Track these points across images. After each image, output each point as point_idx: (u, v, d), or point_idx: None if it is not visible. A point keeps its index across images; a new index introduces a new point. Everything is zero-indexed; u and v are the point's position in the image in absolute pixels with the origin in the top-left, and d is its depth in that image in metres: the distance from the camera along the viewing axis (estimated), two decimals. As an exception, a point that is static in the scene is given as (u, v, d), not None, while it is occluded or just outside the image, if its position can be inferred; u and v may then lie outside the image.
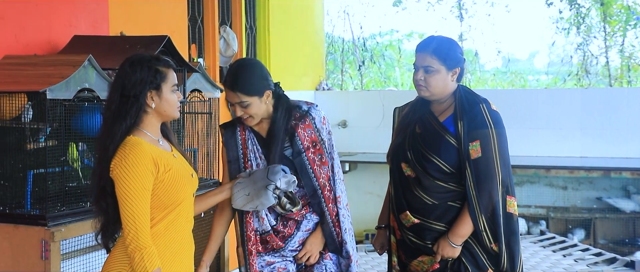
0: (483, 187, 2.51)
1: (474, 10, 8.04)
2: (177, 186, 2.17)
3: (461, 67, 2.63)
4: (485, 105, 2.59)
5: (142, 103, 2.14)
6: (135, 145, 2.10)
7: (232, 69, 2.50)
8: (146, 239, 2.06)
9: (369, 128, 6.98)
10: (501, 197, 2.54)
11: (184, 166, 2.26)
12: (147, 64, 2.16)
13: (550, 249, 5.31)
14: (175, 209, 2.18)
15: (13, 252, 2.75)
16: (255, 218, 2.54)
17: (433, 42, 2.62)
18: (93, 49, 3.21)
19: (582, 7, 7.51)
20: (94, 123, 2.99)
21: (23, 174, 2.82)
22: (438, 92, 2.61)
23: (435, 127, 2.61)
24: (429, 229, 2.61)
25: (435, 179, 2.58)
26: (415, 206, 2.63)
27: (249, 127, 2.57)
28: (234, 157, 2.57)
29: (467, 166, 2.52)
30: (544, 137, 6.48)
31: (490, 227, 2.53)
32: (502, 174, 2.54)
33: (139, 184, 2.06)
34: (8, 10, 3.32)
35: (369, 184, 6.85)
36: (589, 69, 7.44)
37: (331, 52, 8.40)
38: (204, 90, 3.84)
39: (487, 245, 2.55)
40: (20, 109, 2.86)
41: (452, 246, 2.55)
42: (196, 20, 5.30)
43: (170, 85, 2.19)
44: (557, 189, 6.36)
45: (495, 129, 2.55)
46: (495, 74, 8.67)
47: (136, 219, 2.05)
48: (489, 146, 2.53)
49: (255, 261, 2.55)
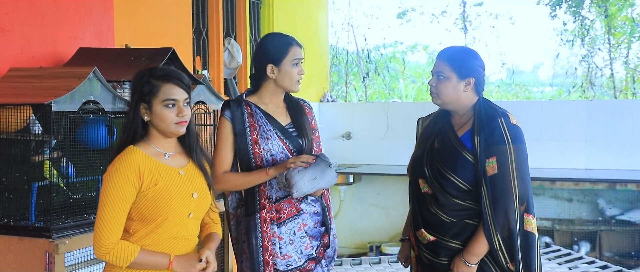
0: (499, 205, 2.44)
1: (478, 22, 8.06)
2: (162, 201, 2.11)
3: (476, 77, 2.56)
4: (505, 119, 2.51)
5: (135, 116, 2.13)
6: (125, 154, 2.10)
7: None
8: (111, 241, 2.05)
9: (373, 140, 6.97)
10: (518, 216, 2.46)
11: (186, 184, 2.18)
12: (141, 76, 2.14)
13: (556, 261, 5.27)
14: (160, 225, 2.13)
15: (17, 264, 2.75)
16: (269, 186, 2.60)
17: (450, 50, 2.62)
18: (98, 61, 3.23)
19: (587, 18, 7.51)
20: (98, 135, 2.99)
21: (28, 186, 2.83)
22: (449, 101, 2.57)
23: (453, 142, 2.56)
24: (445, 247, 2.55)
25: (452, 197, 2.52)
26: (432, 223, 2.58)
27: (254, 104, 2.65)
28: (240, 130, 2.61)
29: (483, 182, 2.45)
30: (549, 149, 6.45)
31: (507, 246, 2.46)
32: (519, 191, 2.45)
33: (115, 192, 2.05)
34: (13, 22, 3.34)
35: (372, 196, 6.83)
36: (593, 81, 7.43)
37: (335, 63, 8.41)
38: (209, 102, 3.84)
39: (503, 264, 2.48)
40: (25, 122, 2.87)
41: (467, 265, 2.48)
42: (201, 32, 5.32)
43: (161, 99, 2.11)
44: (562, 201, 6.33)
45: (513, 144, 2.46)
46: (499, 86, 8.67)
47: (104, 226, 2.04)
48: (506, 162, 2.45)
49: (269, 228, 2.57)
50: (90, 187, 3.05)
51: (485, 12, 8.18)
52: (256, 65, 2.68)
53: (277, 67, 2.61)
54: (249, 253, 2.60)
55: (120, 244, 2.06)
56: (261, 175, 2.56)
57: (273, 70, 2.61)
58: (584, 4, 7.47)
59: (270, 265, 2.57)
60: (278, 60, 2.61)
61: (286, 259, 2.59)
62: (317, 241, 2.68)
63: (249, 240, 2.60)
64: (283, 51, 2.61)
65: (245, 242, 2.65)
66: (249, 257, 2.60)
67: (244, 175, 2.60)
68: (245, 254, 2.66)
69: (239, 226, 2.72)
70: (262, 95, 2.69)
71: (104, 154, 3.00)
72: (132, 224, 2.12)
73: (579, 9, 7.47)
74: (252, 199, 2.62)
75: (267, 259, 2.57)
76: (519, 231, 2.46)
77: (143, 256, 2.09)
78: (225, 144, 2.63)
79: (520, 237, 2.46)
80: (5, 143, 2.89)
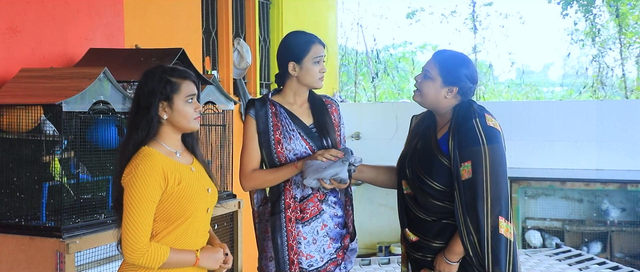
0: (470, 209, 2.41)
1: (488, 22, 8.04)
2: (187, 199, 2.15)
3: (461, 87, 2.52)
4: (480, 120, 2.46)
5: (153, 115, 2.15)
6: (146, 156, 2.11)
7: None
8: (144, 244, 2.06)
9: (383, 140, 6.97)
10: (489, 219, 2.40)
11: (200, 180, 2.24)
12: (159, 75, 2.16)
13: (566, 262, 5.24)
14: (184, 222, 2.16)
15: (28, 263, 2.77)
16: (295, 185, 2.61)
17: (445, 53, 2.63)
18: (108, 62, 3.24)
19: (598, 16, 7.47)
20: (109, 135, 3.01)
21: (38, 186, 2.84)
22: (428, 101, 2.57)
23: (431, 145, 2.56)
24: (428, 247, 2.57)
25: (430, 197, 2.52)
26: (415, 223, 2.60)
27: (278, 104, 2.67)
28: (263, 129, 2.62)
29: (457, 186, 2.43)
30: (560, 150, 6.43)
31: (478, 250, 2.42)
32: (492, 195, 2.40)
33: (143, 194, 2.06)
34: (25, 23, 3.36)
35: (381, 196, 6.83)
36: (604, 81, 7.39)
37: (345, 64, 8.41)
38: (218, 103, 3.85)
39: (475, 268, 2.46)
40: (36, 122, 2.88)
41: (447, 263, 2.49)
42: (210, 32, 5.33)
43: (183, 96, 2.17)
44: (573, 201, 6.30)
45: (488, 145, 2.41)
46: (509, 86, 8.65)
47: (136, 229, 2.05)
48: (481, 165, 2.40)
49: (294, 227, 2.59)
50: (101, 187, 3.07)
51: (495, 12, 8.16)
52: (279, 63, 2.70)
53: (299, 65, 2.63)
54: (274, 252, 2.61)
55: (152, 246, 2.08)
56: (291, 169, 2.57)
57: (295, 68, 2.63)
58: (595, 3, 7.43)
59: (296, 264, 2.58)
60: (300, 58, 2.62)
61: (309, 259, 2.60)
62: (337, 243, 2.69)
63: (274, 239, 2.61)
64: (304, 49, 2.62)
65: (266, 241, 2.66)
66: (274, 257, 2.61)
67: (274, 171, 2.61)
68: (265, 252, 2.67)
69: (261, 224, 2.73)
70: (286, 94, 2.70)
71: (114, 154, 3.01)
72: (154, 224, 2.14)
73: (591, 7, 7.42)
74: (277, 198, 2.63)
75: (292, 258, 2.58)
76: (489, 235, 2.41)
77: (173, 255, 2.12)
78: (252, 142, 2.65)
79: (491, 241, 2.41)
80: (17, 143, 2.90)
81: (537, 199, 6.31)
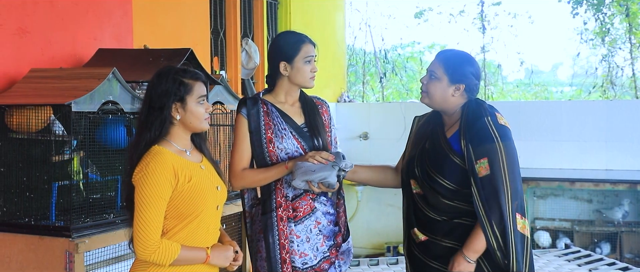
0: (492, 204, 2.39)
1: (497, 21, 8.00)
2: (197, 196, 2.17)
3: (467, 84, 2.54)
4: (492, 118, 2.47)
5: (166, 115, 2.17)
6: (157, 154, 2.13)
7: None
8: (156, 241, 2.08)
9: (391, 140, 6.96)
10: (511, 214, 2.41)
11: (209, 178, 2.26)
12: (172, 76, 2.19)
13: (576, 263, 5.21)
14: (195, 220, 2.19)
15: (38, 263, 2.78)
16: (286, 184, 2.61)
17: (448, 52, 2.64)
18: (117, 62, 3.25)
19: (607, 14, 7.42)
20: (118, 135, 3.02)
21: (48, 186, 2.86)
22: (436, 102, 2.58)
23: (442, 145, 2.55)
24: (437, 246, 2.55)
25: (441, 197, 2.51)
26: (424, 223, 2.59)
27: (270, 103, 2.67)
28: (255, 128, 2.63)
29: (474, 183, 2.41)
30: (569, 150, 6.39)
31: (502, 245, 2.41)
32: (511, 189, 2.41)
33: (154, 191, 2.08)
34: (34, 24, 3.38)
35: (389, 196, 6.82)
36: (614, 81, 7.34)
37: (353, 63, 8.41)
38: (227, 103, 3.86)
39: (499, 262, 2.44)
40: (46, 122, 2.90)
41: (467, 261, 2.46)
42: (218, 33, 5.34)
43: (196, 97, 2.20)
44: (582, 202, 6.27)
45: (502, 142, 2.42)
46: (518, 86, 8.61)
47: (147, 226, 2.07)
48: (497, 161, 2.40)
49: (286, 226, 2.59)
50: (110, 187, 3.08)
51: (503, 12, 8.12)
52: (270, 63, 2.71)
53: (290, 64, 2.63)
54: (266, 252, 2.61)
55: (164, 243, 2.10)
56: (281, 168, 2.57)
57: (286, 68, 2.64)
58: (605, 3, 7.38)
59: (288, 263, 2.58)
60: (291, 58, 2.63)
61: (303, 258, 2.60)
62: (330, 241, 2.68)
63: (266, 238, 2.61)
64: (295, 48, 2.63)
65: (260, 241, 2.66)
66: (266, 256, 2.61)
67: (264, 170, 2.61)
68: (260, 253, 2.67)
69: (254, 225, 2.73)
70: (278, 94, 2.71)
71: (123, 154, 3.02)
72: (165, 222, 2.16)
73: (600, 6, 7.38)
74: (268, 197, 2.63)
75: (284, 256, 2.58)
76: (512, 229, 2.41)
77: (184, 252, 2.14)
78: (242, 141, 2.65)
79: (513, 236, 2.41)
80: (26, 143, 2.92)
81: (546, 199, 6.28)
